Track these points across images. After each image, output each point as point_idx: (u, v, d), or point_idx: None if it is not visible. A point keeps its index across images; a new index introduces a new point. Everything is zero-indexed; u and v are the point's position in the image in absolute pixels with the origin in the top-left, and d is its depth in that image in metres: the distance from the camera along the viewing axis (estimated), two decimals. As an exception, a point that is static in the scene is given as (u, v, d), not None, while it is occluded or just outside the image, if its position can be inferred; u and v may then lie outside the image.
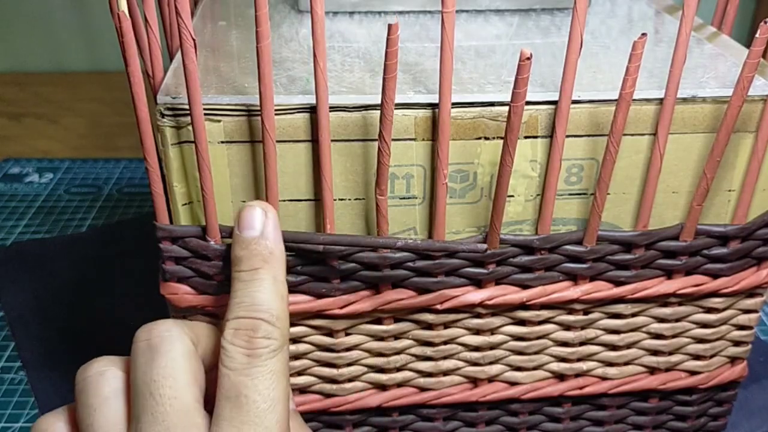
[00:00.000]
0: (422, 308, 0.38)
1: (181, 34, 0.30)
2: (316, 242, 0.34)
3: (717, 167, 0.35)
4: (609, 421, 0.44)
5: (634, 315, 0.40)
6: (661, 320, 0.40)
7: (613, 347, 0.41)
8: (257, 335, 0.30)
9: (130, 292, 0.61)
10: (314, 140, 0.34)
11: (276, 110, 0.33)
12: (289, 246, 0.34)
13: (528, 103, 0.34)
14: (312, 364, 0.39)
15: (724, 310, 0.41)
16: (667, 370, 0.42)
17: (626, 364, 0.42)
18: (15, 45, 1.06)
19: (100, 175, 0.81)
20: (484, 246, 0.36)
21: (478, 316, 0.39)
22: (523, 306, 0.39)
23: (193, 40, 0.31)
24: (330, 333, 0.38)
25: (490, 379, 0.41)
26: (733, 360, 0.43)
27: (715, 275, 0.39)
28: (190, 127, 0.33)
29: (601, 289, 0.38)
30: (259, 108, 0.33)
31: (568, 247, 0.37)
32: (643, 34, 0.31)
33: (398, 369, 0.40)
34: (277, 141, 0.33)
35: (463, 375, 0.41)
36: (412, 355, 0.40)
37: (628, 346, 0.41)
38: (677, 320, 0.41)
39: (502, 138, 0.34)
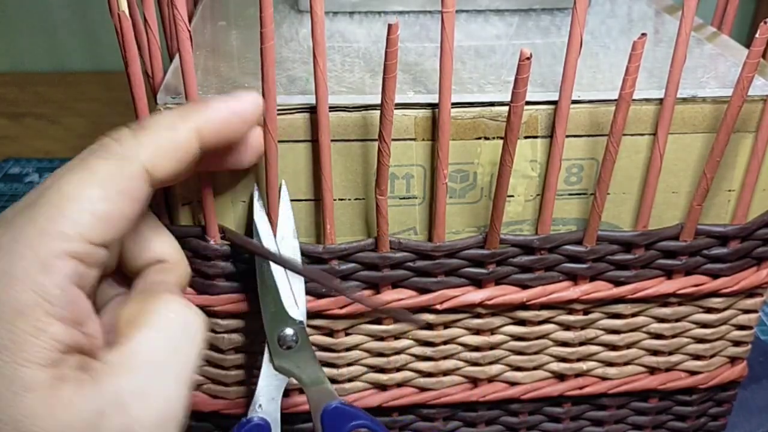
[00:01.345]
0: (422, 308, 0.38)
1: (177, 26, 0.30)
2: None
3: (717, 167, 0.35)
4: (609, 421, 0.44)
5: (634, 315, 0.40)
6: (661, 320, 0.40)
7: (613, 347, 0.41)
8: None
9: (130, 292, 0.61)
10: (314, 140, 0.34)
11: (276, 110, 0.33)
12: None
13: (528, 103, 0.34)
14: (312, 364, 0.39)
15: (724, 310, 0.41)
16: (667, 370, 0.42)
17: (626, 364, 0.42)
18: (15, 45, 1.06)
19: (100, 175, 0.81)
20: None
21: (478, 316, 0.39)
22: (523, 306, 0.39)
23: (189, 31, 0.31)
24: (330, 333, 0.38)
25: (490, 379, 0.41)
26: (733, 360, 0.43)
27: (715, 275, 0.39)
28: (190, 127, 0.33)
29: (601, 289, 0.38)
30: (259, 108, 0.33)
31: (568, 247, 0.37)
32: (643, 34, 0.31)
33: (398, 369, 0.40)
34: (278, 141, 0.33)
35: (463, 375, 0.41)
36: (412, 355, 0.40)
37: (628, 346, 0.41)
38: (677, 320, 0.41)
39: (502, 138, 0.34)
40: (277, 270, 0.33)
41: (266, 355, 0.34)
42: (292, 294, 0.34)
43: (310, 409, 0.35)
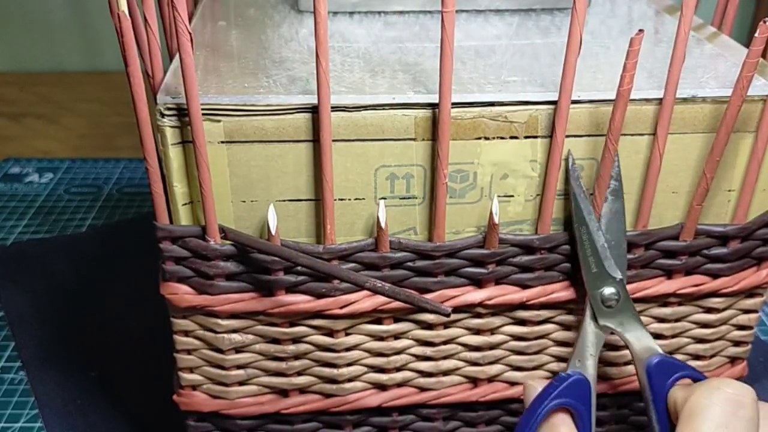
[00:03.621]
0: (422, 308, 0.38)
1: (177, 27, 0.30)
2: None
3: (717, 167, 0.35)
4: (609, 421, 0.44)
5: (634, 315, 0.40)
6: (661, 320, 0.40)
7: (613, 347, 0.41)
8: None
9: (130, 292, 0.61)
10: (315, 140, 0.34)
11: (276, 110, 0.33)
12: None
13: (528, 103, 0.34)
14: (312, 364, 0.39)
15: (724, 310, 0.41)
16: (667, 370, 0.42)
17: (626, 364, 0.42)
18: (15, 45, 1.06)
19: (100, 175, 0.81)
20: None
21: (478, 316, 0.39)
22: (523, 306, 0.39)
23: (189, 33, 0.31)
24: (330, 333, 0.38)
25: (490, 379, 0.41)
26: (733, 360, 0.43)
27: (715, 275, 0.39)
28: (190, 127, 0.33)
29: (601, 289, 0.38)
30: (257, 108, 0.33)
31: (568, 246, 0.37)
32: (640, 31, 0.31)
33: (398, 369, 0.40)
34: (277, 141, 0.33)
35: (463, 375, 0.41)
36: (412, 355, 0.40)
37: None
38: (677, 320, 0.41)
39: (502, 138, 0.34)
40: (596, 231, 0.35)
41: (588, 314, 0.36)
42: (610, 255, 0.35)
43: (634, 363, 0.36)
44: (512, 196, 0.36)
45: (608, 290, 0.35)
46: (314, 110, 0.33)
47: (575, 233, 0.36)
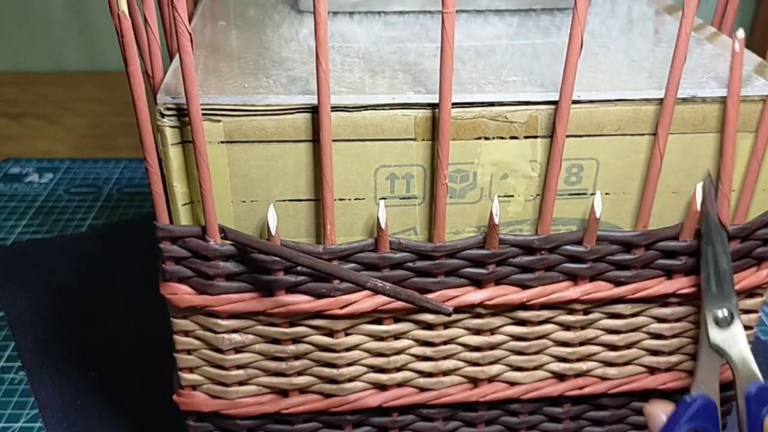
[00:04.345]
0: (423, 308, 0.38)
1: (177, 27, 0.30)
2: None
3: (732, 163, 0.35)
4: (609, 421, 0.44)
5: (634, 315, 0.40)
6: (661, 320, 0.40)
7: (613, 347, 0.41)
8: None
9: (130, 292, 0.61)
10: (314, 140, 0.34)
11: (276, 110, 0.33)
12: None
13: (528, 103, 0.34)
14: (312, 364, 0.39)
15: (724, 310, 0.41)
16: (667, 370, 0.42)
17: (626, 364, 0.42)
18: (15, 45, 1.06)
19: (100, 175, 0.81)
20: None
21: (478, 316, 0.39)
22: (523, 306, 0.39)
23: (189, 33, 0.31)
24: (330, 333, 0.38)
25: (490, 379, 0.41)
26: (733, 360, 0.43)
27: (715, 275, 0.39)
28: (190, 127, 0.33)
29: (601, 289, 0.38)
30: (257, 108, 0.33)
31: (568, 247, 0.37)
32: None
33: (398, 369, 0.40)
34: (277, 141, 0.33)
35: (463, 375, 0.41)
36: (412, 355, 0.40)
37: (628, 346, 0.41)
38: (677, 320, 0.41)
39: (502, 138, 0.34)
40: (722, 254, 0.36)
41: (703, 334, 0.37)
42: (729, 276, 0.36)
43: (735, 387, 0.36)
44: (512, 196, 0.36)
45: (722, 312, 0.36)
46: (314, 110, 0.33)
47: (702, 250, 0.37)
